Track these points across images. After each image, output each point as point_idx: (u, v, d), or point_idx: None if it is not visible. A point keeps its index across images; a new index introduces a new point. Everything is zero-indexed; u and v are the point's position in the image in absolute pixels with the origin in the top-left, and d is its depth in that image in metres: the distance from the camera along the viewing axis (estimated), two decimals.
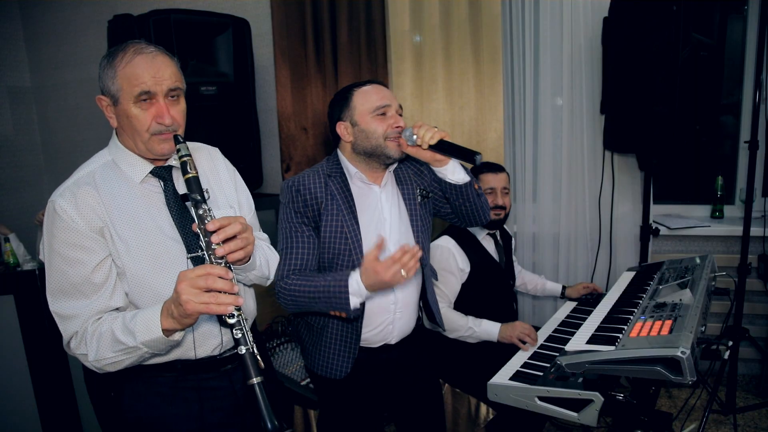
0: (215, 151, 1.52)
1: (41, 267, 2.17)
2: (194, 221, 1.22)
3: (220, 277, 1.09)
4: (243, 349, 1.11)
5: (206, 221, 1.16)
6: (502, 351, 1.93)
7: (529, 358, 1.83)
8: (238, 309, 1.11)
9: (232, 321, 1.11)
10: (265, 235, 1.62)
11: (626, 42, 2.36)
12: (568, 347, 1.59)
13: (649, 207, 2.66)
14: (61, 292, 1.21)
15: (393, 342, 1.72)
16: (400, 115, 1.67)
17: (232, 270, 1.17)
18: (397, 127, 1.61)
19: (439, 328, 2.06)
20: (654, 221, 2.76)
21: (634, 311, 1.74)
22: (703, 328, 1.57)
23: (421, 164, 1.79)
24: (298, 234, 1.63)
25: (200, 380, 1.36)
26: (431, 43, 2.83)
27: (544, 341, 1.98)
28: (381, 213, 1.68)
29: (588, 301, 2.35)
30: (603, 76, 2.60)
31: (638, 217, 2.74)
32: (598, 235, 2.85)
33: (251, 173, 2.83)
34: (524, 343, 1.95)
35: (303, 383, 2.04)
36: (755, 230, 2.61)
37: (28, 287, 2.14)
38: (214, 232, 1.15)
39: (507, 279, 2.37)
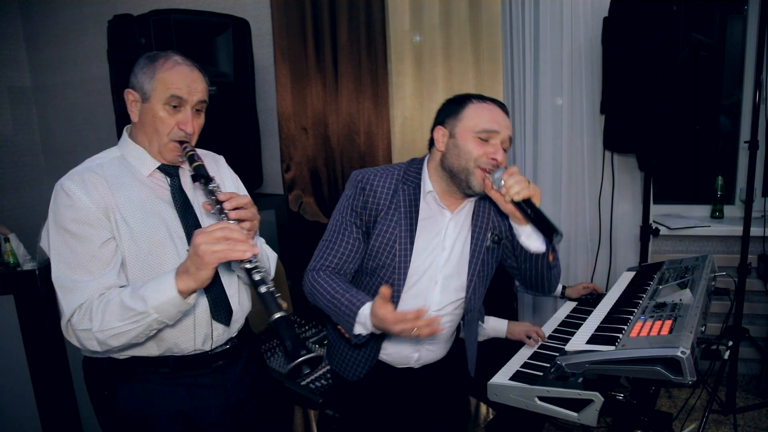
0: (220, 159, 1.57)
1: (41, 267, 2.17)
2: (197, 218, 1.35)
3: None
4: (263, 288, 1.17)
5: (216, 193, 1.25)
6: (502, 351, 1.93)
7: (529, 358, 1.83)
8: (255, 257, 1.18)
9: (249, 266, 1.18)
10: (263, 239, 1.63)
11: (626, 42, 2.36)
12: (568, 347, 1.59)
13: (649, 207, 2.66)
14: (67, 266, 1.23)
15: (416, 367, 1.65)
16: (506, 150, 1.47)
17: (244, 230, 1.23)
18: (493, 158, 1.43)
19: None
20: (654, 221, 2.76)
21: (634, 311, 1.74)
22: (703, 328, 1.57)
23: None
24: (345, 232, 1.52)
25: (192, 377, 1.37)
26: (431, 43, 2.83)
27: (544, 341, 1.98)
28: (443, 240, 1.53)
29: (588, 301, 2.34)
30: (603, 76, 2.59)
31: (638, 217, 2.74)
32: (598, 235, 2.85)
33: (251, 173, 2.83)
34: (530, 338, 1.96)
35: (303, 383, 2.04)
36: (755, 230, 2.61)
37: (28, 287, 2.14)
38: (224, 201, 1.23)
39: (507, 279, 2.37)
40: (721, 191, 2.95)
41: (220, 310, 1.36)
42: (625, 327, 1.60)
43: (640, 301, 1.83)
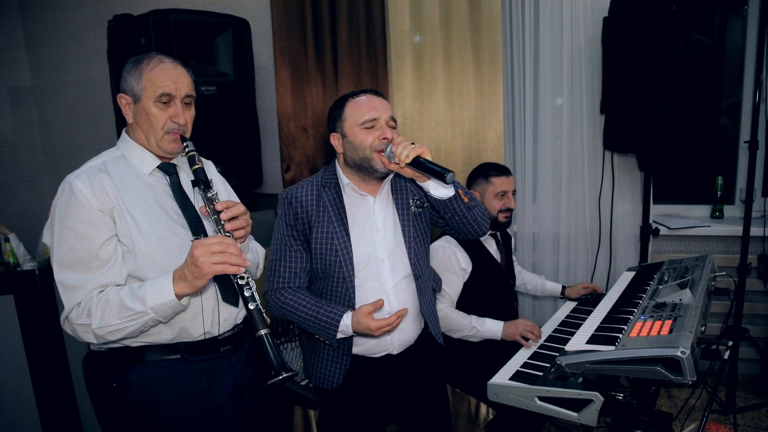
0: (209, 164, 1.66)
1: (41, 267, 2.17)
2: (197, 210, 1.45)
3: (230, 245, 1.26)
4: (252, 305, 1.29)
5: (215, 202, 1.36)
6: (502, 351, 1.93)
7: (529, 358, 1.83)
8: (246, 271, 1.30)
9: (242, 282, 1.30)
10: (252, 237, 1.68)
11: (626, 42, 2.36)
12: (568, 347, 1.60)
13: (649, 207, 2.66)
14: (68, 265, 1.31)
15: (395, 352, 1.71)
16: (394, 127, 1.64)
17: (237, 242, 1.35)
18: (384, 138, 1.59)
19: (449, 332, 2.10)
20: (654, 221, 2.76)
21: (634, 311, 1.74)
22: (703, 328, 1.57)
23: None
24: (287, 248, 1.67)
25: (203, 361, 1.43)
26: (431, 43, 2.83)
27: (544, 341, 1.98)
28: (374, 223, 1.68)
29: (588, 301, 2.35)
30: (603, 76, 2.60)
31: (638, 217, 2.74)
32: (598, 235, 2.85)
33: (251, 173, 2.83)
34: (527, 340, 1.95)
35: (303, 383, 2.04)
36: (755, 230, 2.61)
37: (28, 287, 2.14)
38: (221, 211, 1.35)
39: (507, 279, 2.37)
40: (721, 191, 2.95)
41: (228, 293, 1.46)
42: (625, 327, 1.60)
43: (640, 301, 1.83)
